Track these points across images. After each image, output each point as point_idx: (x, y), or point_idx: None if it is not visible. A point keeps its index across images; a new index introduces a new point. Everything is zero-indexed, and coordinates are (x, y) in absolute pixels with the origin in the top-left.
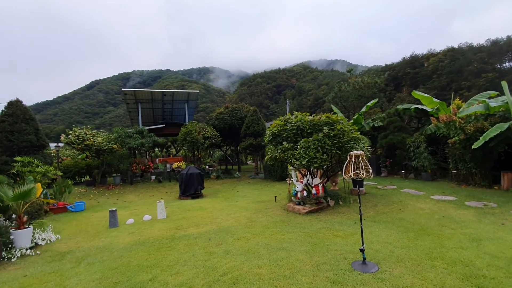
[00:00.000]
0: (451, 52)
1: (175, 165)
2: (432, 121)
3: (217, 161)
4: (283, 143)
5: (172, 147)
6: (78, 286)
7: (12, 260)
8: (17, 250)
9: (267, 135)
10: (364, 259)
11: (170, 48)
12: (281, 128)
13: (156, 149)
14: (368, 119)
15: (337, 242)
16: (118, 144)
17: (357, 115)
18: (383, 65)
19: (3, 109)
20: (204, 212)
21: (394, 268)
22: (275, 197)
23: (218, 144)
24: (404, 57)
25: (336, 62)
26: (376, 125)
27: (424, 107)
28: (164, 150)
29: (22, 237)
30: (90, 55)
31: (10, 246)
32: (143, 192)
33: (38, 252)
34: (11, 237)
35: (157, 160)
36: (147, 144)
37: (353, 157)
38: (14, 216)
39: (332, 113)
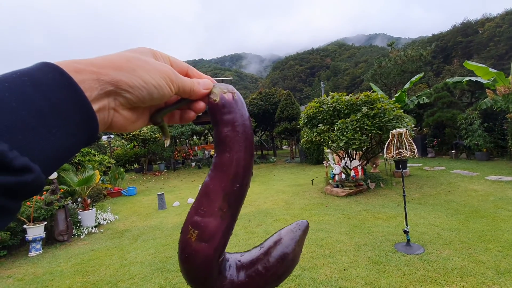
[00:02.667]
0: (510, 16)
1: (213, 151)
2: (488, 94)
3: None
4: (319, 125)
5: (209, 134)
6: (137, 259)
7: (81, 236)
8: (84, 228)
9: (302, 118)
10: (408, 240)
11: (203, 37)
12: (316, 110)
13: (195, 137)
14: (412, 96)
15: (379, 224)
16: (160, 133)
17: (399, 92)
18: (430, 35)
19: None
20: None
21: (442, 250)
22: (312, 180)
23: (253, 129)
24: (455, 25)
25: (375, 37)
26: (421, 102)
27: (478, 79)
28: (202, 137)
29: (88, 217)
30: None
31: (78, 224)
32: (185, 178)
33: (101, 230)
34: (79, 217)
35: (196, 147)
36: (186, 133)
37: (396, 135)
38: (79, 199)
39: (371, 91)
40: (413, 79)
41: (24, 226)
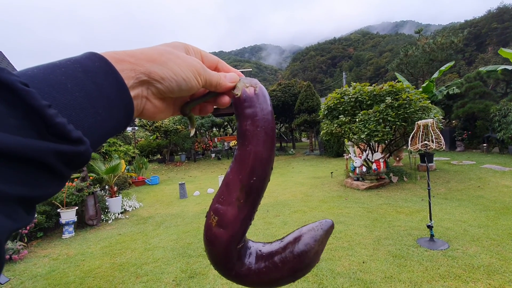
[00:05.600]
0: None
1: (232, 143)
2: None
3: None
4: (340, 116)
5: (228, 126)
6: (160, 244)
7: (109, 222)
8: (112, 214)
9: (322, 109)
10: (432, 235)
11: (224, 29)
12: (337, 101)
13: (214, 128)
14: (441, 87)
15: (401, 218)
16: (181, 125)
17: (427, 82)
18: (462, 21)
19: None
20: None
21: (468, 247)
22: (331, 173)
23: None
24: (490, 10)
25: (402, 24)
26: (451, 92)
27: None
28: (222, 129)
29: (114, 204)
30: (152, 42)
31: (106, 210)
32: (205, 168)
33: (127, 216)
34: (107, 203)
35: (215, 139)
36: (206, 124)
37: (421, 126)
38: (107, 187)
39: (396, 81)
40: (442, 68)
41: (58, 210)
